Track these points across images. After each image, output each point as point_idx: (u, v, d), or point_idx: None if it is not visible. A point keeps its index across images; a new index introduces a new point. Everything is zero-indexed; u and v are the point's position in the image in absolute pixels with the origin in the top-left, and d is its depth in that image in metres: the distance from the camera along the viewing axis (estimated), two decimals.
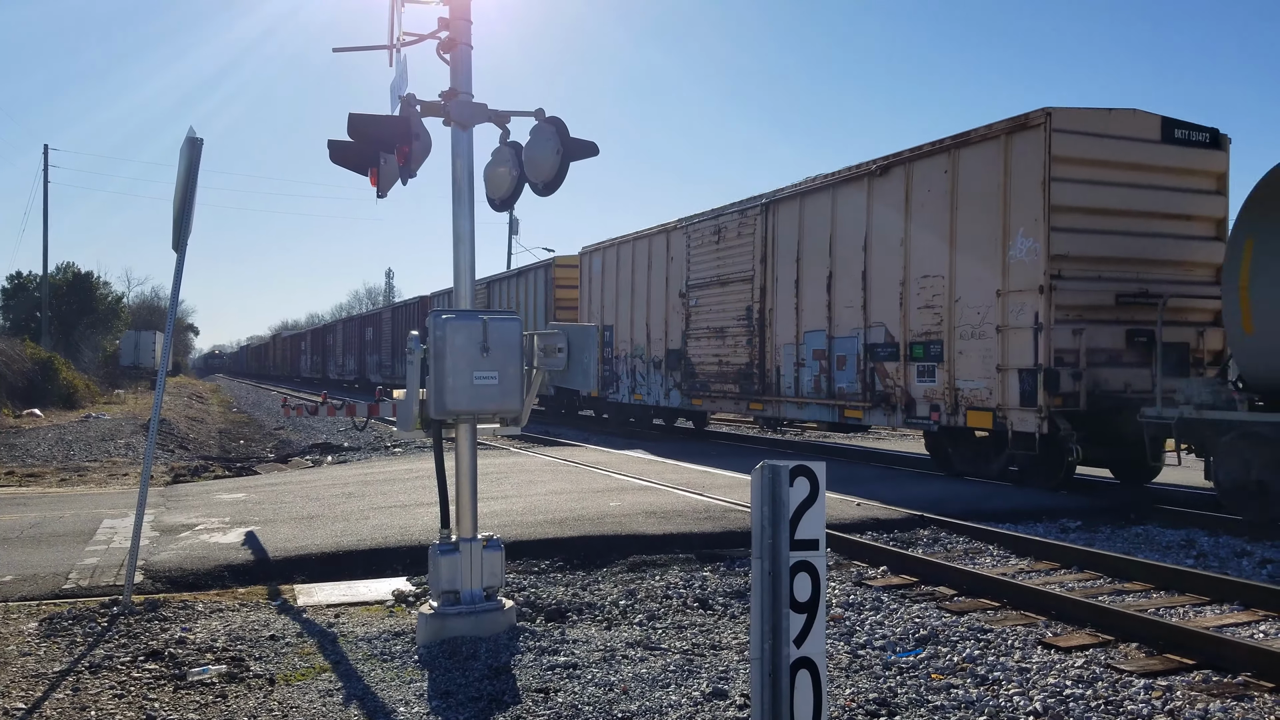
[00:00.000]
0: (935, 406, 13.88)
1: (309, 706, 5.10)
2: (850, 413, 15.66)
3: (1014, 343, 12.55)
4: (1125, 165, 12.70)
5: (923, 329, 14.13)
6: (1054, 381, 12.02)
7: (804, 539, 3.44)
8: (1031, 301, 12.29)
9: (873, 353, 15.15)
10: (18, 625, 6.54)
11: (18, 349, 34.98)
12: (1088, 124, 12.56)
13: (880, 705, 5.12)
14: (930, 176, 14.05)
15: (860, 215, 15.42)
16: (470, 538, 6.33)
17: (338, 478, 14.12)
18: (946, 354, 13.66)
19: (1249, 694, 5.26)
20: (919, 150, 14.28)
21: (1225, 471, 10.40)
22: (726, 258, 19.25)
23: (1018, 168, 12.60)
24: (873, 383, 15.15)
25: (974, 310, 13.20)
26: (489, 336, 6.14)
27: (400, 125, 6.32)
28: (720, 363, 19.49)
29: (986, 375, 13.01)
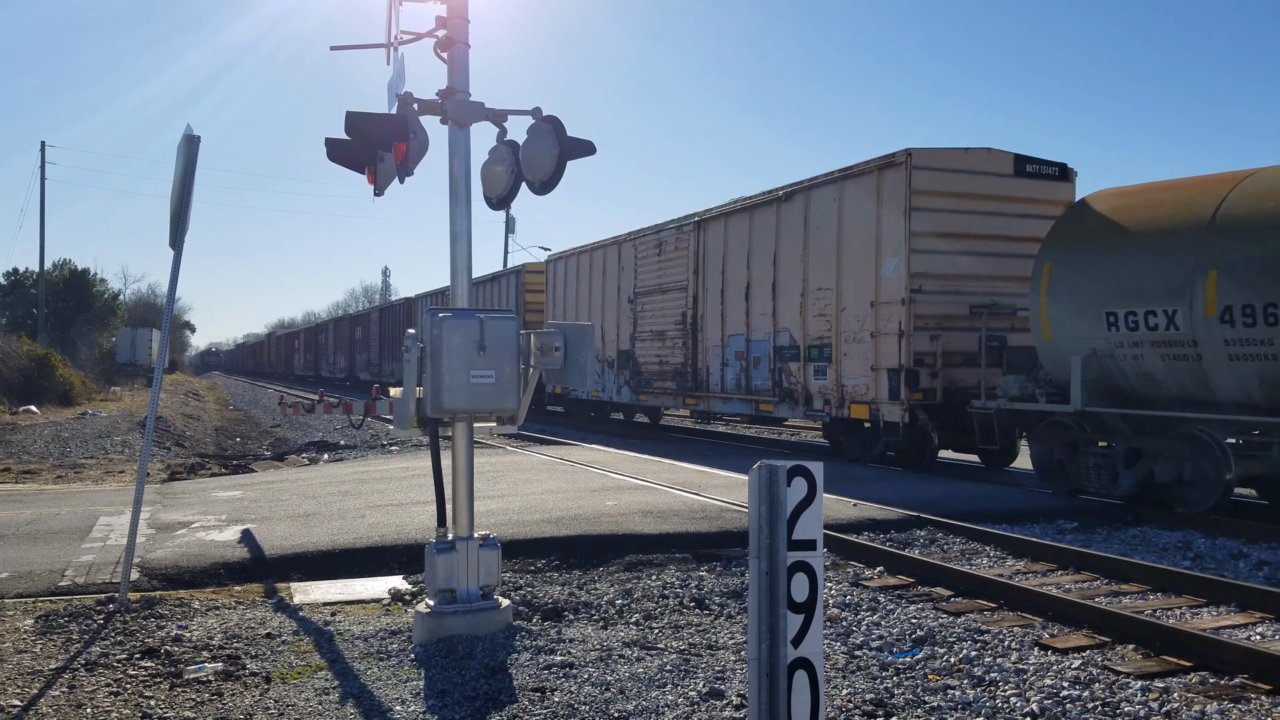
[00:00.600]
0: (827, 400, 16.06)
1: (305, 705, 5.10)
2: (764, 406, 17.82)
3: (884, 347, 14.74)
4: (980, 196, 14.74)
5: (817, 334, 16.32)
6: (914, 379, 14.22)
7: (801, 539, 3.43)
8: (897, 312, 14.45)
9: (780, 354, 17.29)
10: (14, 622, 6.53)
11: (14, 346, 34.94)
12: (945, 161, 14.71)
13: (877, 706, 5.12)
14: (823, 204, 16.24)
15: (771, 235, 17.59)
16: (467, 536, 6.33)
17: (334, 476, 14.11)
18: (835, 355, 15.86)
19: (1246, 696, 5.26)
20: (815, 180, 16.46)
21: (1036, 452, 12.77)
22: (666, 269, 21.39)
23: (887, 199, 14.75)
24: (780, 380, 17.27)
25: (855, 319, 15.40)
26: (486, 335, 6.13)
27: (397, 124, 6.31)
28: (661, 362, 21.65)
29: (864, 374, 15.16)
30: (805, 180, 16.75)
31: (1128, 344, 11.22)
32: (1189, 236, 10.65)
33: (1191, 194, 11.14)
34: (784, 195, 17.19)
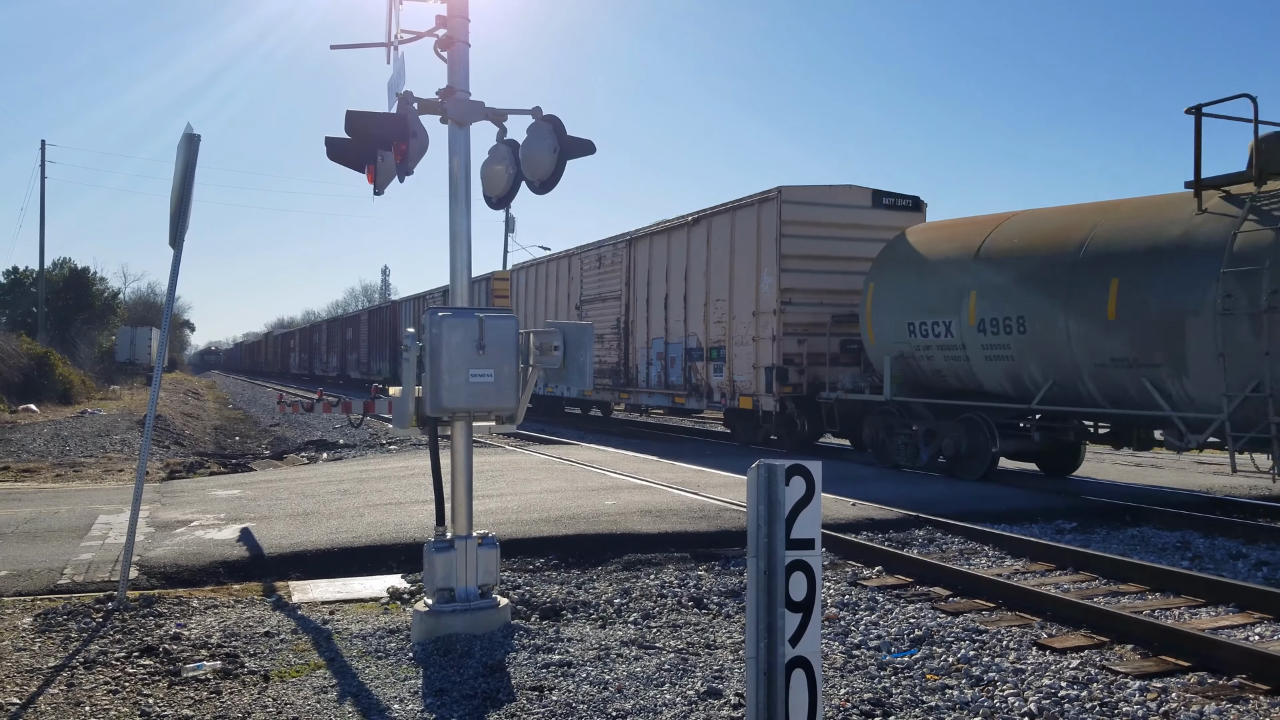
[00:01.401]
0: (724, 394, 18.96)
1: (303, 703, 5.10)
2: (678, 399, 20.78)
3: (762, 349, 17.65)
4: (842, 224, 17.67)
5: (716, 338, 19.19)
6: (784, 376, 17.15)
7: (799, 538, 3.44)
8: (771, 320, 17.34)
9: (689, 355, 20.18)
10: (13, 620, 6.53)
11: (14, 344, 34.92)
12: (812, 196, 17.69)
13: (875, 705, 5.12)
14: (721, 229, 19.17)
15: (683, 254, 20.47)
16: (465, 535, 6.33)
17: (333, 475, 14.11)
18: (728, 356, 18.75)
19: (1244, 696, 5.26)
20: (715, 209, 19.42)
21: (867, 433, 16.00)
22: (605, 280, 24.25)
23: (764, 228, 17.73)
24: (690, 377, 20.17)
25: (742, 325, 18.25)
26: (485, 334, 6.14)
27: (398, 123, 6.31)
28: (601, 362, 23.84)
29: (749, 371, 18.07)
30: (709, 209, 19.66)
31: (923, 347, 14.26)
32: (961, 264, 13.79)
33: (970, 230, 14.29)
34: (693, 220, 20.13)
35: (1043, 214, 13.62)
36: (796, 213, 17.40)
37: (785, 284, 17.17)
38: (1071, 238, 12.35)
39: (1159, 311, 10.98)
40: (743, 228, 18.33)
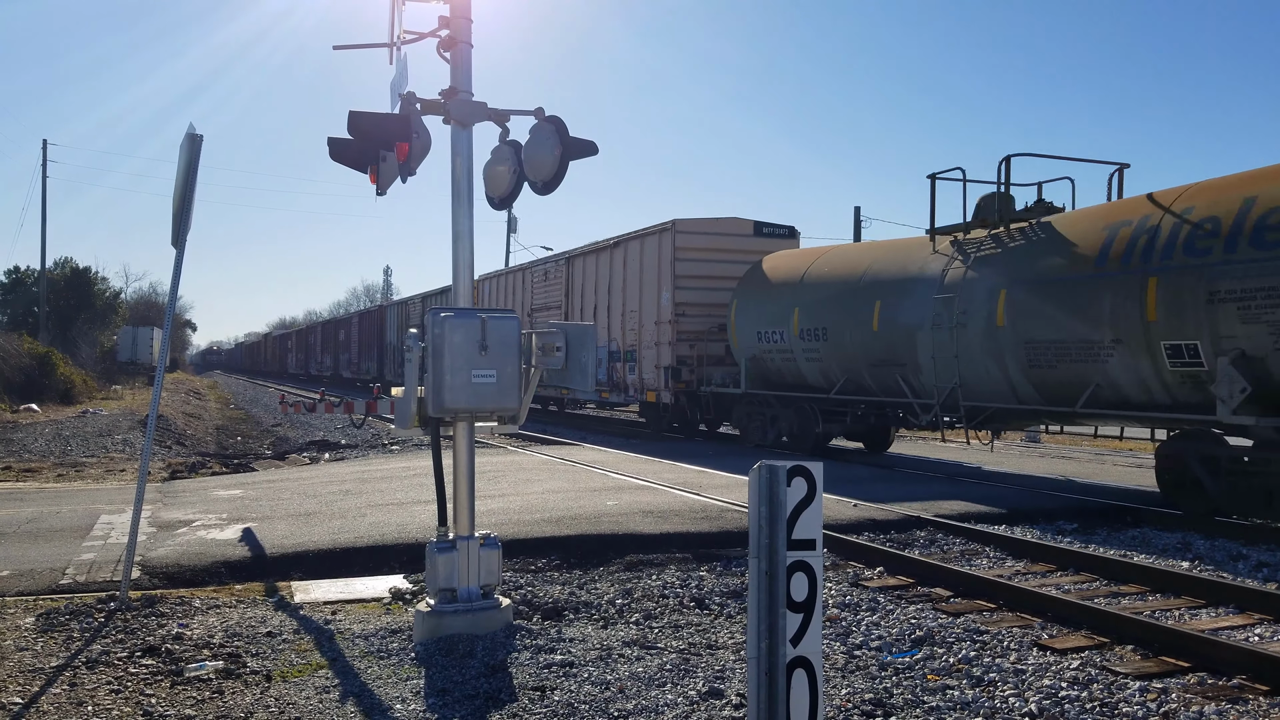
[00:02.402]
0: (636, 389, 22.49)
1: (306, 703, 5.11)
2: (604, 394, 24.06)
3: (663, 352, 21.23)
4: (728, 250, 21.24)
5: (629, 343, 22.76)
6: (678, 374, 20.76)
7: (801, 539, 3.44)
8: (669, 329, 21.00)
9: (612, 356, 23.62)
10: (15, 620, 6.54)
11: (15, 344, 34.92)
12: (700, 228, 21.51)
13: (876, 706, 5.13)
14: (633, 253, 22.91)
15: (607, 271, 24.13)
16: (467, 535, 6.34)
17: (335, 475, 14.12)
18: (639, 358, 22.33)
19: (1244, 697, 5.27)
20: (629, 236, 23.02)
21: (734, 419, 20.11)
22: (549, 292, 27.73)
23: (663, 253, 21.45)
24: (612, 376, 23.64)
25: (648, 332, 21.84)
26: (487, 335, 6.15)
27: (400, 123, 6.32)
28: None
29: (653, 371, 21.60)
30: (625, 235, 23.36)
31: (768, 351, 18.16)
32: (791, 287, 17.82)
33: (800, 260, 18.54)
34: (613, 244, 23.87)
35: (846, 248, 18.51)
36: (688, 240, 21.29)
37: (679, 299, 20.99)
38: (857, 269, 16.42)
39: (903, 326, 14.78)
40: (648, 253, 22.09)
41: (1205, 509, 10.82)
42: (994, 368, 13.27)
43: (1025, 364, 12.76)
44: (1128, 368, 11.44)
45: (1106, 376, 11.77)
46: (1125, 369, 11.47)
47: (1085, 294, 11.89)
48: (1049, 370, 12.52)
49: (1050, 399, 12.70)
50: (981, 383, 13.57)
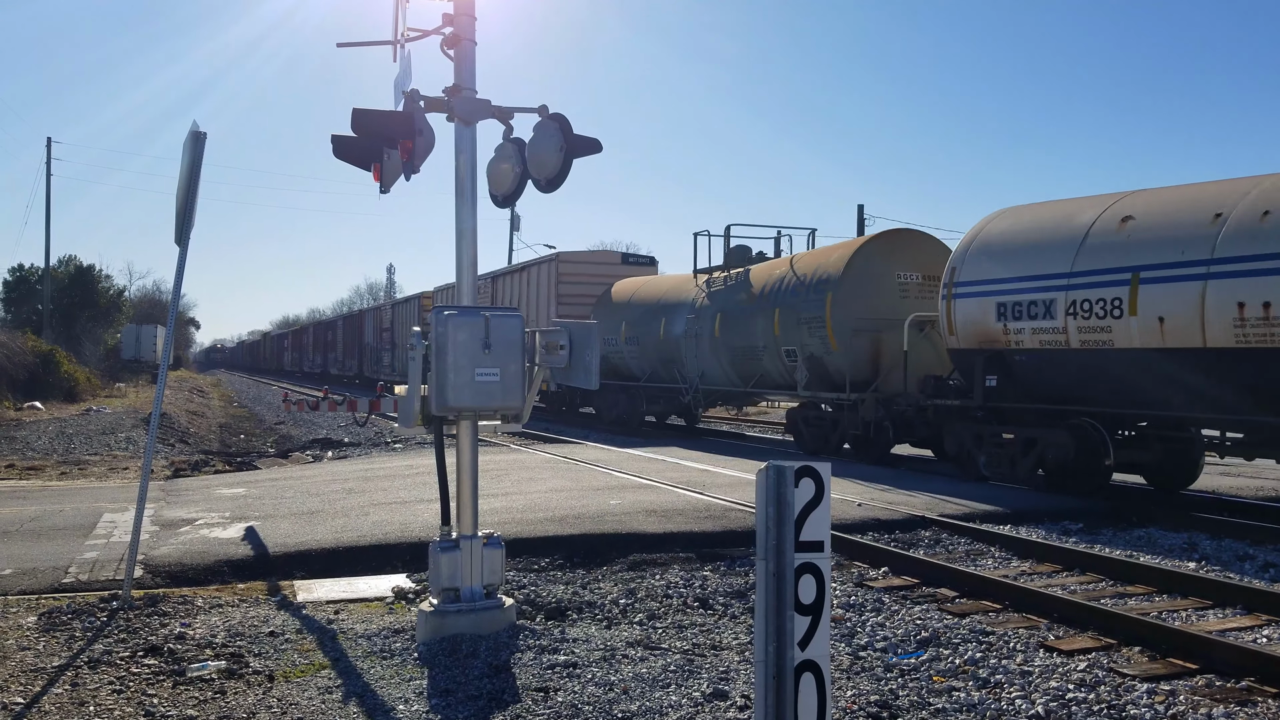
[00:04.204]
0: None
1: (308, 703, 5.09)
2: None
3: None
4: (601, 275, 26.62)
5: None
6: None
7: (808, 541, 3.41)
8: None
9: None
10: (17, 619, 6.53)
11: (19, 342, 34.93)
12: (579, 258, 28.20)
13: (882, 707, 5.10)
14: (533, 276, 28.70)
15: (519, 289, 29.83)
16: (471, 535, 6.31)
17: (338, 473, 14.11)
18: None
19: (1252, 699, 5.24)
20: (531, 263, 29.82)
21: (595, 405, 25.89)
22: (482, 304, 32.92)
23: (551, 279, 27.25)
24: None
25: None
26: (491, 333, 6.12)
27: (404, 121, 6.30)
28: None
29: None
30: (529, 261, 30.45)
31: (612, 352, 23.39)
32: (624, 305, 23.79)
33: (632, 286, 24.51)
34: (521, 269, 30.86)
35: (658, 279, 24.87)
36: (569, 269, 27.37)
37: (561, 313, 25.65)
38: (656, 295, 22.87)
39: (675, 336, 21.26)
40: (542, 277, 27.97)
41: (808, 447, 17.81)
42: (716, 364, 20.01)
43: (729, 361, 19.60)
44: (771, 363, 18.30)
45: (764, 369, 18.67)
46: (770, 364, 18.34)
47: (752, 318, 18.57)
48: (740, 365, 19.41)
49: (743, 383, 19.63)
50: (712, 374, 20.35)
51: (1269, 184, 10.77)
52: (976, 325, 13.32)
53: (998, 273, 13.11)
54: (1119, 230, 11.76)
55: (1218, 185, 11.48)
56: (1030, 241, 12.93)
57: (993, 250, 13.40)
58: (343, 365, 55.31)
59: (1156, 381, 11.32)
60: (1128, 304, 11.31)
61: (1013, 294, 12.79)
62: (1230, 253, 10.43)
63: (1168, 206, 11.59)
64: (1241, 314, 10.24)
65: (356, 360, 51.13)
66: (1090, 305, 11.75)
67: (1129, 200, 12.18)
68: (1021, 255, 12.91)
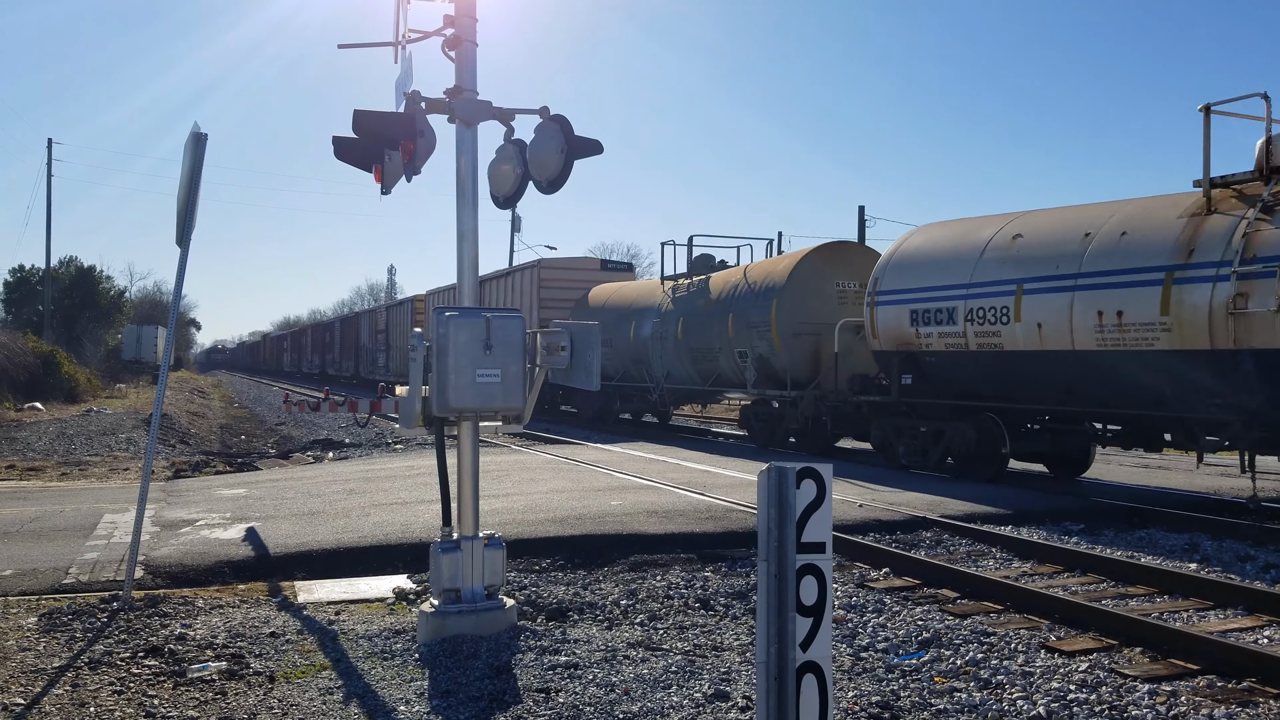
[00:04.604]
0: None
1: (309, 704, 5.08)
2: None
3: None
4: (581, 281, 28.38)
5: None
6: None
7: (810, 542, 3.41)
8: None
9: None
10: (17, 620, 6.52)
11: (20, 342, 34.94)
12: (560, 264, 30.07)
13: (883, 708, 5.10)
14: (518, 280, 30.57)
15: (505, 293, 31.30)
16: (472, 536, 6.31)
17: (339, 474, 14.11)
18: None
19: (1254, 700, 5.23)
20: (516, 269, 32.10)
21: (574, 404, 27.44)
22: None
23: (533, 283, 28.96)
24: None
25: None
26: (492, 334, 6.12)
27: (405, 122, 6.30)
28: None
29: None
30: (515, 267, 32.55)
31: None
32: (599, 309, 24.75)
33: (607, 291, 26.24)
34: (507, 273, 32.79)
35: (631, 284, 26.86)
36: (549, 274, 29.20)
37: (542, 316, 27.04)
38: (627, 300, 24.56)
39: (644, 338, 22.67)
40: (525, 282, 29.74)
41: (759, 440, 19.40)
42: (679, 364, 21.48)
43: (690, 362, 21.06)
44: (726, 363, 19.74)
45: (720, 368, 20.10)
46: (725, 364, 19.82)
47: (710, 321, 20.05)
48: (700, 365, 20.88)
49: (703, 382, 21.01)
50: (676, 373, 21.85)
51: (1130, 208, 12.27)
52: (894, 330, 14.91)
53: (911, 283, 14.65)
54: (1009, 247, 13.37)
55: (1094, 207, 12.95)
56: (938, 256, 14.52)
57: (908, 263, 15.00)
58: (340, 366, 57.56)
59: (1039, 380, 12.89)
60: (1014, 311, 12.90)
61: (923, 302, 14.35)
62: (1093, 268, 11.95)
63: (1051, 226, 13.14)
64: (1100, 321, 11.74)
65: (353, 361, 53.20)
66: (984, 312, 13.36)
67: (1021, 220, 13.78)
68: (931, 268, 14.45)
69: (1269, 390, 10.28)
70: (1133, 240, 11.60)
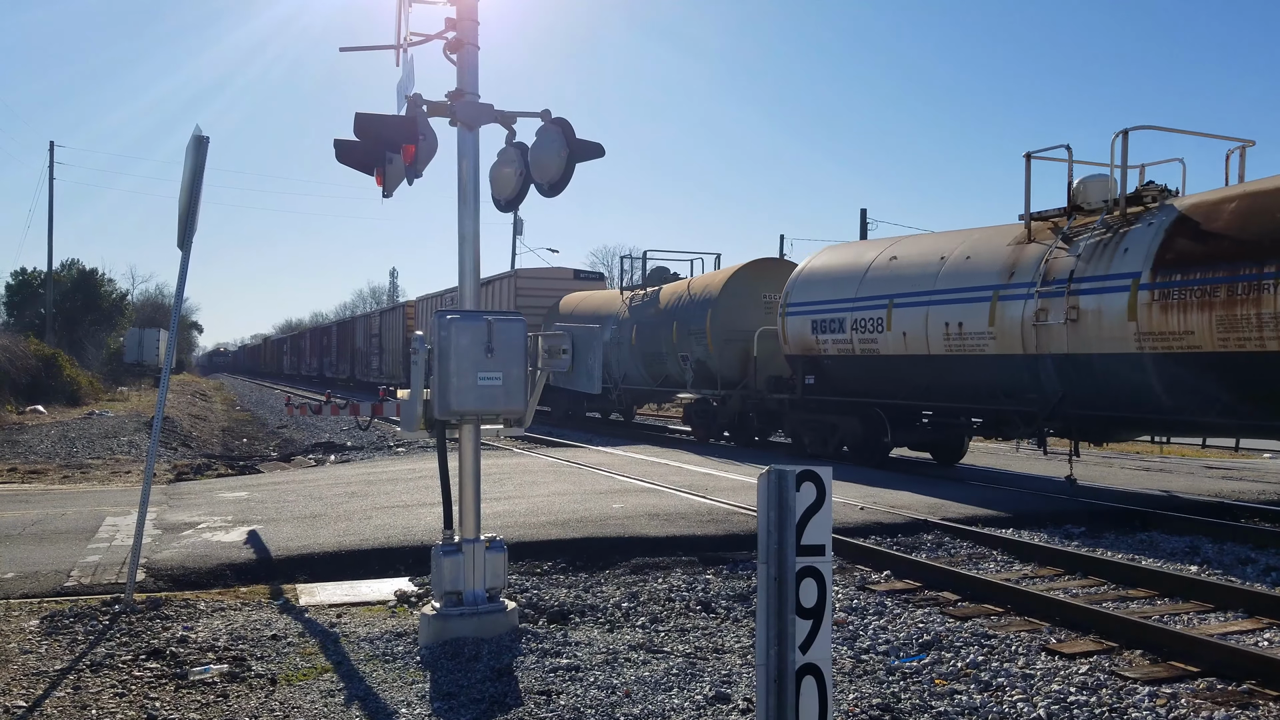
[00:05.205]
0: None
1: (310, 707, 5.09)
2: None
3: None
4: (554, 290, 29.79)
5: None
6: None
7: (810, 544, 3.42)
8: None
9: None
10: (19, 623, 6.54)
11: (22, 345, 34.93)
12: (535, 274, 31.83)
13: (884, 711, 5.11)
14: (496, 290, 31.72)
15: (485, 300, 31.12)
16: (473, 538, 6.32)
17: (341, 477, 14.12)
18: None
19: (1253, 702, 5.24)
20: (494, 278, 32.22)
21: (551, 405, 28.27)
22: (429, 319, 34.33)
23: (510, 292, 30.43)
24: None
25: None
26: (494, 337, 6.13)
27: (406, 125, 6.31)
28: None
29: None
30: (493, 276, 32.44)
31: None
32: (567, 315, 25.89)
33: (575, 300, 27.70)
34: (485, 283, 31.82)
35: (597, 294, 28.25)
36: (525, 284, 30.85)
37: None
38: (593, 306, 26.38)
39: (606, 342, 21.92)
40: (503, 291, 31.23)
41: (699, 435, 21.30)
42: (634, 367, 23.43)
43: (643, 364, 23.03)
44: (672, 366, 21.81)
45: (667, 370, 22.20)
46: (671, 366, 21.85)
47: (659, 328, 22.13)
48: (651, 367, 22.90)
49: (654, 383, 23.01)
50: (632, 375, 23.67)
51: (977, 235, 14.60)
52: (800, 337, 17.30)
53: (813, 297, 17.06)
54: (887, 268, 15.73)
55: (952, 235, 15.30)
56: (834, 274, 16.93)
57: (811, 280, 17.46)
58: (336, 369, 60.26)
59: (906, 379, 15.14)
60: (886, 322, 15.19)
61: (822, 313, 16.77)
62: (944, 286, 14.27)
63: (919, 250, 15.43)
64: (948, 330, 14.06)
65: (349, 364, 55.59)
66: (866, 323, 15.72)
67: (898, 245, 16.35)
68: (828, 284, 16.87)
69: (1064, 387, 12.59)
70: (973, 264, 13.97)
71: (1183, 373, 11.07)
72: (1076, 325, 12.14)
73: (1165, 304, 11.06)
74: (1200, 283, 10.69)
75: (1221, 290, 10.45)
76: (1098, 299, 11.90)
